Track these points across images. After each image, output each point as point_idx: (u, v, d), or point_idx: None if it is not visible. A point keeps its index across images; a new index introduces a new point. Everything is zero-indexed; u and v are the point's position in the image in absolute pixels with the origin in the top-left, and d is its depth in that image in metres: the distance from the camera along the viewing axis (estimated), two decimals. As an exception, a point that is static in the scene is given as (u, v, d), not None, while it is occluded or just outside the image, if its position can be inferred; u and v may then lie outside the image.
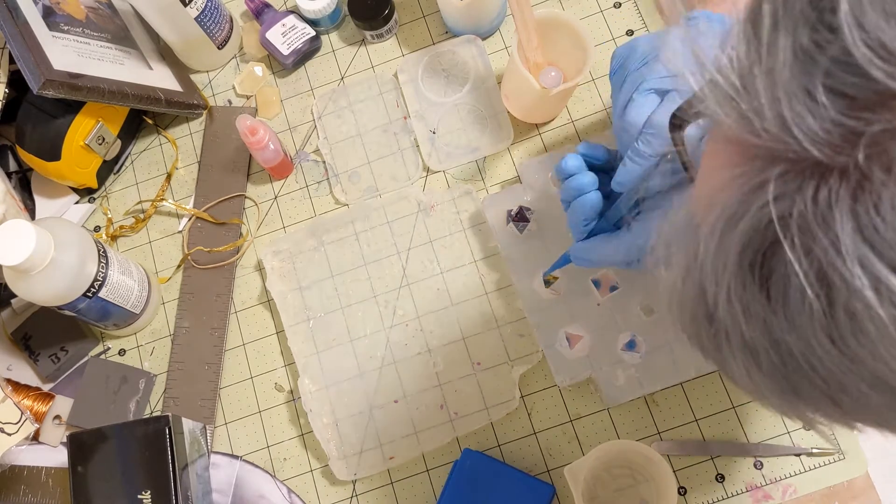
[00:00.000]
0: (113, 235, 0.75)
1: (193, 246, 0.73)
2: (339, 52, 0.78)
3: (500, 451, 0.65)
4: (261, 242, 0.73)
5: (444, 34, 0.77)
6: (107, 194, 0.76)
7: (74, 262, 0.60)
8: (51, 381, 0.71)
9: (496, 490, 0.61)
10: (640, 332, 0.64)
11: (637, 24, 0.74)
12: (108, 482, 0.58)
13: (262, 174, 0.75)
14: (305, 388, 0.67)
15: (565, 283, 0.67)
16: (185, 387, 0.70)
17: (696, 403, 0.64)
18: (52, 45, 0.66)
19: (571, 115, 0.73)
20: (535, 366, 0.66)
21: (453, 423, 0.66)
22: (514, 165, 0.72)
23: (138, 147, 0.78)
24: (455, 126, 0.73)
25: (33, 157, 0.70)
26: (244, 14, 0.81)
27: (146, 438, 0.59)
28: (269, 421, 0.69)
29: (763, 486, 0.62)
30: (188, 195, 0.75)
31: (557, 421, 0.65)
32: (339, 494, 0.66)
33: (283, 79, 0.78)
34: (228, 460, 0.68)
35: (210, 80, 0.79)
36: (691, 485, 0.63)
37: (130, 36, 0.77)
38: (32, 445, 0.69)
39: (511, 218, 0.69)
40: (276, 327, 0.71)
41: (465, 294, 0.69)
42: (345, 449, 0.66)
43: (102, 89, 0.67)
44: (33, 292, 0.60)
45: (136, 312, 0.69)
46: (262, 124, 0.69)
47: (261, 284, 0.72)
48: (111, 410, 0.68)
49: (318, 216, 0.73)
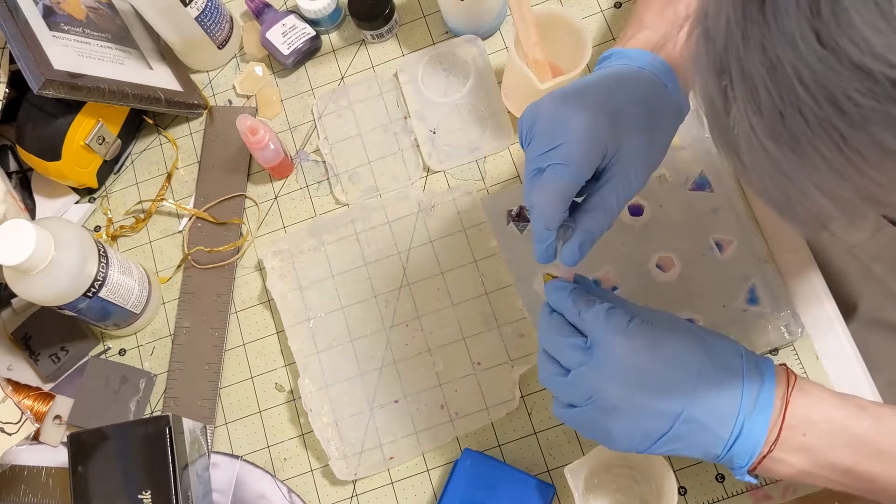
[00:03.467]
0: (113, 235, 0.75)
1: (194, 246, 0.73)
2: (339, 52, 0.78)
3: (500, 451, 0.65)
4: (261, 242, 0.73)
5: (445, 34, 0.77)
6: (107, 194, 0.76)
7: (75, 262, 0.60)
8: (51, 380, 0.71)
9: (496, 490, 0.61)
10: (641, 332, 0.64)
11: (637, 24, 0.74)
12: (108, 482, 0.58)
13: (263, 174, 0.75)
14: (306, 387, 0.67)
15: (565, 283, 0.67)
16: (186, 387, 0.70)
17: (697, 403, 0.64)
18: (52, 45, 0.66)
19: (572, 115, 0.73)
20: (535, 366, 0.66)
21: (453, 423, 0.66)
22: (514, 165, 0.72)
23: (138, 147, 0.78)
24: (455, 126, 0.73)
25: (33, 156, 0.70)
26: (244, 14, 0.81)
27: (146, 438, 0.59)
28: (269, 421, 0.69)
29: (763, 487, 0.62)
30: (188, 195, 0.75)
31: (557, 421, 0.65)
32: (339, 494, 0.66)
33: (283, 78, 0.78)
34: (229, 460, 0.68)
35: (210, 80, 0.79)
36: (691, 484, 0.63)
37: (131, 36, 0.77)
38: (33, 445, 0.69)
39: (511, 218, 0.69)
40: (276, 327, 0.71)
41: (465, 294, 0.69)
42: (345, 449, 0.66)
43: (103, 89, 0.67)
44: (33, 292, 0.60)
45: (137, 312, 0.69)
46: (262, 124, 0.69)
47: (261, 284, 0.72)
48: (111, 410, 0.68)
49: (318, 216, 0.73)
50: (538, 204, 0.49)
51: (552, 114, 0.50)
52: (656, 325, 0.50)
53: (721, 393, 0.48)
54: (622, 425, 0.49)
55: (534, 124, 0.51)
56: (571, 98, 0.50)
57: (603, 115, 0.49)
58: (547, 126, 0.50)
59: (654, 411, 0.48)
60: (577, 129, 0.48)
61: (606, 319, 0.49)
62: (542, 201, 0.49)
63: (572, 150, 0.48)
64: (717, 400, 0.48)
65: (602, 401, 0.48)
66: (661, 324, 0.50)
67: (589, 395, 0.49)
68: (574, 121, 0.49)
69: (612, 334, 0.48)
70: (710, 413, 0.48)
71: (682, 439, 0.48)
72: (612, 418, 0.49)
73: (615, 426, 0.49)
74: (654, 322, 0.50)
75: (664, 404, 0.48)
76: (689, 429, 0.48)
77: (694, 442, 0.48)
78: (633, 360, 0.48)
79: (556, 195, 0.48)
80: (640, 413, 0.48)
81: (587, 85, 0.52)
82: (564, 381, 0.50)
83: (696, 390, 0.48)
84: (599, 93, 0.51)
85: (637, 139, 0.50)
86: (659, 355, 0.48)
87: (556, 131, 0.49)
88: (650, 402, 0.48)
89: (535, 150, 0.50)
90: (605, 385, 0.48)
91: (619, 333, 0.48)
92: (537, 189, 0.49)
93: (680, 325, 0.51)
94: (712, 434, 0.48)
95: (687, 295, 0.65)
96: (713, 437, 0.48)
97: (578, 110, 0.49)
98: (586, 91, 0.51)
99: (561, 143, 0.48)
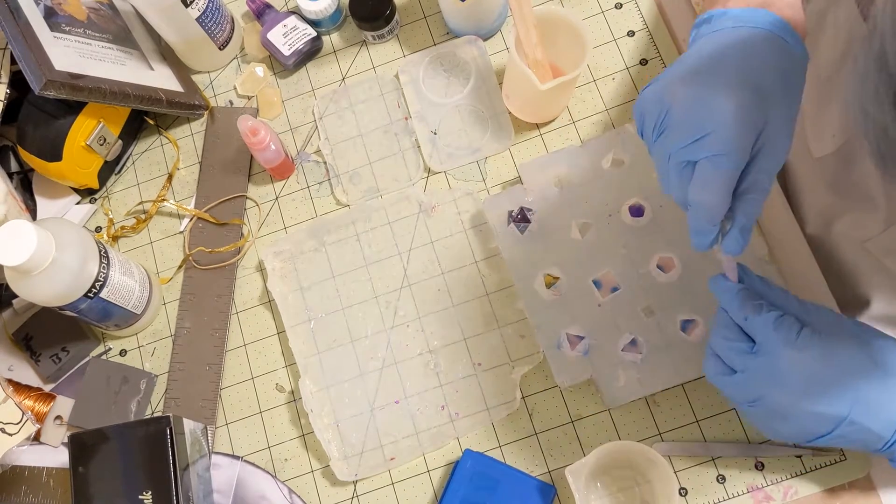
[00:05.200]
0: (114, 236, 0.75)
1: (194, 246, 0.73)
2: (340, 53, 0.78)
3: (501, 452, 0.65)
4: (262, 243, 0.73)
5: (446, 35, 0.77)
6: (108, 195, 0.77)
7: (76, 262, 0.60)
8: (52, 381, 0.71)
9: (497, 491, 0.62)
10: (641, 333, 0.64)
11: (638, 24, 0.74)
12: (109, 482, 0.58)
13: (264, 175, 0.75)
14: (306, 388, 0.67)
15: (566, 284, 0.67)
16: (186, 387, 0.70)
17: (697, 404, 0.64)
18: (53, 46, 0.66)
19: (572, 116, 0.73)
20: (535, 366, 0.66)
21: (454, 424, 0.66)
22: (515, 166, 0.72)
23: (139, 147, 0.78)
24: (456, 127, 0.73)
25: (34, 157, 0.70)
26: (245, 15, 0.81)
27: (147, 439, 0.59)
28: (269, 421, 0.69)
29: (764, 487, 0.62)
30: (189, 196, 0.76)
31: (558, 422, 0.65)
32: (339, 495, 0.66)
33: (284, 79, 0.78)
34: (229, 461, 0.68)
35: (211, 81, 0.79)
36: (692, 486, 0.63)
37: (132, 37, 0.77)
38: (33, 446, 0.69)
39: (512, 219, 0.69)
40: (277, 328, 0.71)
41: (466, 295, 0.69)
42: (346, 449, 0.66)
43: (104, 90, 0.67)
44: (34, 293, 0.60)
45: (138, 313, 0.69)
46: (263, 125, 0.69)
47: (262, 285, 0.72)
48: (112, 411, 0.69)
49: (319, 217, 0.73)
50: (701, 201, 0.47)
51: (691, 98, 0.47)
52: (825, 334, 0.50)
53: (886, 398, 0.49)
54: (786, 427, 0.51)
55: (666, 113, 0.48)
56: (708, 77, 0.47)
57: (748, 92, 0.46)
58: (687, 113, 0.47)
59: (819, 416, 0.49)
60: (726, 114, 0.45)
61: (776, 330, 0.49)
62: (706, 198, 0.46)
63: (727, 137, 0.45)
64: (881, 405, 0.49)
65: (768, 406, 0.50)
66: (829, 331, 0.50)
67: (754, 398, 0.50)
68: (720, 104, 0.45)
69: (781, 346, 0.49)
70: (873, 417, 0.49)
71: (843, 438, 0.50)
72: (776, 420, 0.51)
73: (779, 426, 0.51)
74: (822, 330, 0.50)
75: (830, 409, 0.49)
76: (852, 430, 0.49)
77: (855, 439, 0.50)
78: (803, 371, 0.49)
79: (721, 189, 0.46)
80: (805, 418, 0.49)
81: (717, 59, 0.48)
82: (730, 380, 0.52)
83: (861, 397, 0.49)
84: (735, 67, 0.47)
85: (782, 110, 0.47)
86: (828, 367, 0.49)
87: (702, 118, 0.46)
88: (816, 408, 0.49)
89: (678, 142, 0.47)
90: (773, 392, 0.49)
91: (789, 346, 0.49)
92: (696, 185, 0.47)
93: (845, 328, 0.51)
94: (874, 435, 0.49)
95: (687, 295, 0.65)
96: (874, 437, 0.50)
97: (721, 91, 0.46)
98: (720, 67, 0.47)
99: (711, 132, 0.45)
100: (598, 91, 0.73)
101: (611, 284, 0.66)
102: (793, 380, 0.49)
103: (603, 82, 0.73)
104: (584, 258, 0.67)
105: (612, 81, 0.73)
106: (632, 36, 0.74)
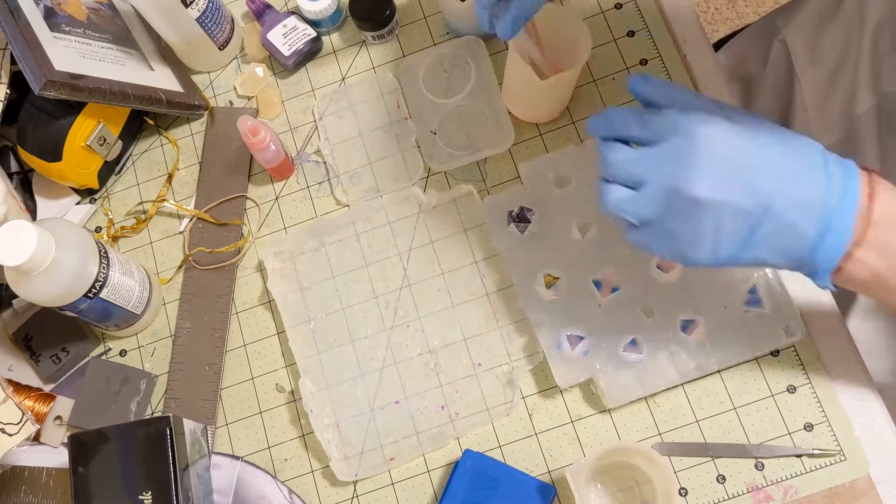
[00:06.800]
0: (114, 236, 0.75)
1: (194, 247, 0.73)
2: (340, 53, 0.78)
3: (500, 452, 0.65)
4: (262, 243, 0.73)
5: (446, 35, 0.77)
6: (108, 195, 0.77)
7: (76, 262, 0.60)
8: (52, 381, 0.71)
9: (497, 491, 0.62)
10: (641, 334, 0.64)
11: (639, 24, 0.74)
12: (109, 483, 0.58)
13: (264, 175, 0.75)
14: (306, 388, 0.67)
15: (566, 284, 0.67)
16: (186, 387, 0.70)
17: (697, 404, 0.64)
18: (53, 46, 0.66)
19: (572, 116, 0.73)
20: (535, 366, 0.66)
21: (454, 424, 0.66)
22: (515, 166, 0.72)
23: (139, 148, 0.78)
24: (456, 127, 0.73)
25: (34, 157, 0.70)
26: (245, 15, 0.81)
27: (147, 439, 0.59)
28: (269, 422, 0.69)
29: (764, 488, 0.62)
30: (189, 196, 0.76)
31: (558, 422, 0.65)
32: (339, 495, 0.66)
33: (284, 80, 0.78)
34: (229, 461, 0.68)
35: (211, 81, 0.79)
36: (692, 486, 0.63)
37: (132, 37, 0.77)
38: (33, 446, 0.69)
39: (512, 219, 0.69)
40: (276, 328, 0.71)
41: (465, 295, 0.69)
42: (346, 450, 0.66)
43: (104, 90, 0.67)
44: (34, 293, 0.60)
45: (138, 313, 0.69)
46: (263, 125, 0.69)
47: (262, 285, 0.72)
48: (112, 411, 0.69)
49: (319, 217, 0.73)
50: None
51: None
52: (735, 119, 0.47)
53: (805, 184, 0.46)
54: (705, 226, 0.47)
55: None
56: None
57: None
58: None
59: (738, 208, 0.46)
60: None
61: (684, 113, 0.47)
62: None
63: None
64: (802, 192, 0.46)
65: (683, 200, 0.46)
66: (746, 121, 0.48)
67: (668, 197, 0.47)
68: None
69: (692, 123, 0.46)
70: (795, 207, 0.46)
71: (767, 242, 0.47)
72: (693, 220, 0.47)
73: (697, 227, 0.47)
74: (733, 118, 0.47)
75: (750, 199, 0.46)
76: (774, 228, 0.46)
77: (779, 244, 0.47)
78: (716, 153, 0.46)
79: None
80: (723, 210, 0.46)
81: None
82: (637, 195, 0.48)
83: (781, 183, 0.46)
84: None
85: None
86: (741, 146, 0.46)
87: None
88: (734, 198, 0.46)
89: None
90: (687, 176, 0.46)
91: (701, 122, 0.46)
92: None
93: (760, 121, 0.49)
94: (798, 234, 0.46)
95: (688, 296, 0.65)
96: (798, 238, 0.46)
97: None
98: None
99: None
100: (597, 91, 0.73)
101: (611, 284, 0.66)
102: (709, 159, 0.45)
103: (603, 82, 0.73)
104: (584, 258, 0.67)
105: (612, 81, 0.73)
106: (632, 36, 0.74)
